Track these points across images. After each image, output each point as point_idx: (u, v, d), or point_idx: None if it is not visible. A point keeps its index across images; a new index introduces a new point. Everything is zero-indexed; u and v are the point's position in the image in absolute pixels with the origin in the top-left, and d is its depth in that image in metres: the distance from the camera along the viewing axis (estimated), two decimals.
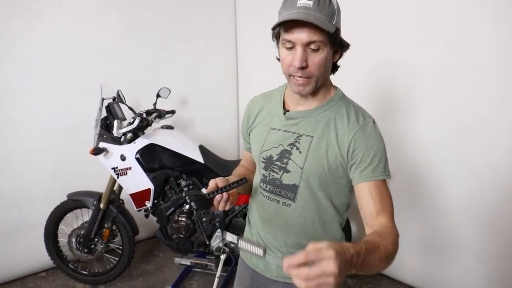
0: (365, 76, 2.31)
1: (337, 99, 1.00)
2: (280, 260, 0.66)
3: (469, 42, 1.84)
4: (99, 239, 2.35)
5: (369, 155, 0.92)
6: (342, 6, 0.95)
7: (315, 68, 0.90)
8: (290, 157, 0.99)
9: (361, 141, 0.92)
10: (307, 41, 0.87)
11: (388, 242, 0.81)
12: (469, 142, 1.92)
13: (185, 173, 2.24)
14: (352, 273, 0.68)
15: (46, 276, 2.56)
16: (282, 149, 1.01)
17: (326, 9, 0.86)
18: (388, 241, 0.81)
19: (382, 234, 0.83)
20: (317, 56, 0.89)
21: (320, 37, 0.86)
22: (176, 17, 2.89)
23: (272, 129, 1.05)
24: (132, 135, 2.16)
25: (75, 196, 2.34)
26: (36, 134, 2.40)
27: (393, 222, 0.91)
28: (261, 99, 1.15)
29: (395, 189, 2.30)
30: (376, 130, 0.96)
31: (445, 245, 2.13)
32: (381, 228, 0.86)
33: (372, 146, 0.92)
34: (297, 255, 0.61)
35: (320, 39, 0.87)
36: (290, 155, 0.99)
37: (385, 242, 0.79)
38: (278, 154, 1.01)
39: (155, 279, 2.52)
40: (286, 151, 0.99)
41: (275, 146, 1.02)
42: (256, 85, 3.17)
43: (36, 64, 2.33)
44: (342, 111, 0.98)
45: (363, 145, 0.92)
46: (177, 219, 2.25)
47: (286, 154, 0.99)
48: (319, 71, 0.91)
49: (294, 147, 0.98)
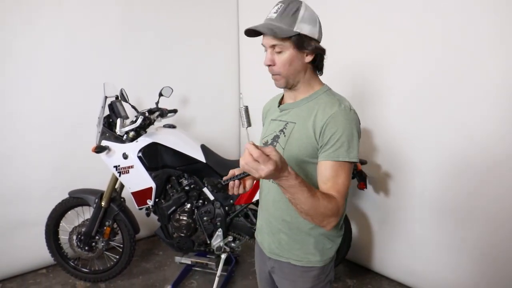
0: (366, 75, 2.32)
1: (321, 92, 1.15)
2: None
3: (469, 42, 1.86)
4: (100, 237, 2.36)
5: (334, 139, 1.04)
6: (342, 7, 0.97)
7: (280, 66, 1.09)
8: (278, 140, 1.16)
9: (331, 126, 1.05)
10: (271, 44, 1.08)
11: (324, 202, 0.98)
12: (470, 142, 1.93)
13: (187, 172, 2.25)
14: (280, 185, 0.94)
15: (47, 273, 2.57)
16: (274, 134, 1.18)
17: (287, 19, 1.04)
18: (325, 201, 0.98)
19: (326, 194, 1.01)
20: (280, 57, 1.08)
21: (280, 41, 1.06)
22: (177, 17, 2.91)
23: (272, 120, 1.24)
24: (134, 133, 2.17)
25: (76, 194, 2.36)
26: (37, 131, 2.42)
27: (341, 200, 1.03)
28: (270, 101, 1.35)
29: (395, 189, 2.31)
30: (347, 117, 1.06)
31: (444, 245, 2.13)
32: (328, 193, 1.02)
33: (338, 130, 1.04)
34: (255, 150, 0.83)
35: (280, 43, 1.06)
36: (278, 139, 1.16)
37: (322, 200, 0.97)
38: (272, 139, 1.19)
39: (155, 278, 2.53)
40: (276, 136, 1.17)
41: (271, 133, 1.20)
42: (257, 85, 3.19)
43: (36, 62, 2.34)
44: (324, 101, 1.11)
45: (332, 129, 1.04)
46: (178, 218, 2.26)
47: (276, 138, 1.17)
48: (284, 69, 1.09)
49: (282, 132, 1.16)
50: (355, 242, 2.56)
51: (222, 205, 2.26)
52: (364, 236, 2.55)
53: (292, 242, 1.18)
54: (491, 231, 1.93)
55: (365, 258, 2.58)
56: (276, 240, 1.21)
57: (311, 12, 1.07)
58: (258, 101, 3.17)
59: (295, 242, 1.18)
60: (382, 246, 2.46)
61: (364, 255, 2.58)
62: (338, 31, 2.40)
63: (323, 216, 0.99)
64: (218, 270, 2.27)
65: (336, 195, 1.02)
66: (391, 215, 2.37)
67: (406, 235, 2.32)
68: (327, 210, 0.98)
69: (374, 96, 2.31)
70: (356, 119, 1.08)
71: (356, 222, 2.58)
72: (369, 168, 2.38)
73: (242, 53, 3.32)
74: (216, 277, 2.26)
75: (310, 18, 1.06)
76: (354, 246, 2.56)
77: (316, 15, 1.09)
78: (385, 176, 2.35)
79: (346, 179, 1.05)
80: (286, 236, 1.19)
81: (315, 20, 1.08)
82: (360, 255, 2.61)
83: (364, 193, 2.46)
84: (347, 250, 2.41)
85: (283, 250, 1.20)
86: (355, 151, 1.05)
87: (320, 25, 1.11)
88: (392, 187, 2.34)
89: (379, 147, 2.36)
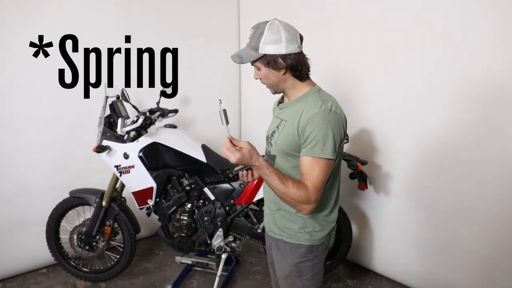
0: (365, 75, 2.33)
1: (309, 94, 1.28)
2: None
3: (469, 42, 1.86)
4: (100, 237, 2.36)
5: (311, 137, 1.19)
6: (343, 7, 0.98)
7: (263, 80, 1.31)
8: (274, 135, 1.35)
9: (309, 126, 1.19)
10: (251, 65, 1.30)
11: (293, 190, 1.18)
12: (470, 142, 1.94)
13: (188, 172, 2.25)
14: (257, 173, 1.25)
15: (47, 272, 2.57)
16: (273, 130, 1.37)
17: (253, 43, 1.23)
18: (294, 189, 1.18)
19: (298, 184, 1.20)
20: (260, 73, 1.29)
21: (254, 62, 1.27)
22: (178, 17, 2.90)
23: (274, 117, 1.42)
24: (135, 133, 2.17)
25: (77, 194, 2.36)
26: (38, 131, 2.42)
27: (313, 190, 1.19)
28: (276, 100, 1.49)
29: (395, 189, 2.32)
30: (325, 118, 1.19)
31: (444, 246, 2.14)
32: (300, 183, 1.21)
33: (315, 130, 1.18)
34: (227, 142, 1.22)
35: (255, 63, 1.28)
36: (274, 134, 1.35)
37: (291, 188, 1.18)
38: (271, 133, 1.38)
39: (155, 277, 2.53)
40: (274, 131, 1.36)
41: (271, 128, 1.39)
42: (258, 85, 3.18)
43: (37, 62, 2.34)
44: (310, 103, 1.25)
45: (310, 129, 1.19)
46: (179, 218, 2.26)
47: (273, 133, 1.36)
48: (266, 81, 1.30)
49: (277, 128, 1.34)
50: (355, 242, 2.56)
51: (223, 205, 2.26)
52: (364, 237, 2.55)
53: (284, 222, 1.36)
54: (491, 231, 1.94)
55: (366, 258, 2.58)
56: (272, 220, 1.41)
57: (273, 31, 1.20)
58: (258, 101, 3.21)
59: (286, 221, 1.36)
60: (383, 247, 2.47)
61: (364, 255, 2.58)
62: (338, 31, 2.41)
63: (295, 202, 1.20)
64: (218, 270, 2.27)
65: (309, 186, 1.18)
66: (391, 215, 2.38)
67: (406, 236, 2.32)
68: (296, 196, 1.18)
69: (374, 96, 2.32)
70: (334, 120, 1.20)
71: (356, 222, 2.58)
72: (369, 168, 2.38)
73: None
74: (217, 277, 2.26)
75: (272, 38, 1.20)
76: (355, 246, 2.56)
77: (280, 33, 1.19)
78: (386, 177, 2.35)
79: (321, 173, 1.19)
80: (279, 216, 1.37)
81: (279, 38, 1.20)
82: (360, 256, 2.61)
83: (364, 194, 2.46)
84: (347, 250, 2.41)
85: (277, 228, 1.39)
86: (329, 149, 1.18)
87: (289, 38, 1.21)
88: (393, 188, 2.34)
89: (379, 148, 2.36)
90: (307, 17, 2.59)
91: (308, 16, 2.58)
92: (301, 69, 1.26)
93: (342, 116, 1.25)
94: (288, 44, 1.21)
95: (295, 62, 1.23)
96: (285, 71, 1.25)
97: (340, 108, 1.27)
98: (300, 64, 1.24)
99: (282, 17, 1.27)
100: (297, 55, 1.23)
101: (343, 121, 1.25)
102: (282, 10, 2.80)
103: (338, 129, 1.21)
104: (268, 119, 1.52)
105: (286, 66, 1.23)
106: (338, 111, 1.24)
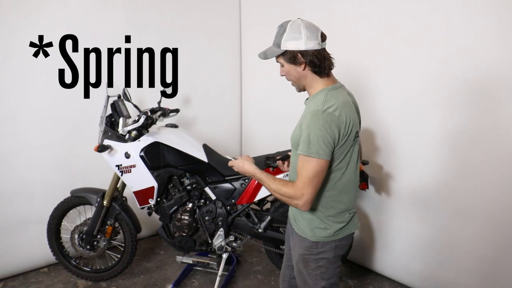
0: (367, 75, 2.32)
1: (320, 93, 1.35)
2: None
3: (470, 42, 1.86)
4: (101, 236, 2.36)
5: (303, 136, 1.29)
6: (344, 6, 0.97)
7: (287, 76, 1.41)
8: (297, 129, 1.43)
9: (304, 123, 1.30)
10: (276, 61, 1.40)
11: (281, 187, 1.34)
12: (471, 142, 1.93)
13: (189, 172, 2.25)
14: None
15: (48, 271, 2.57)
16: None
17: (276, 40, 1.35)
18: (282, 187, 1.34)
19: (285, 182, 1.36)
20: (284, 70, 1.40)
21: (277, 59, 1.38)
22: (180, 16, 2.90)
23: None
24: (136, 133, 2.17)
25: (78, 193, 2.36)
26: (39, 130, 2.42)
27: (301, 185, 1.28)
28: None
29: (396, 189, 2.31)
30: (315, 118, 1.26)
31: (445, 246, 2.13)
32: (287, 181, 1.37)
33: (305, 129, 1.28)
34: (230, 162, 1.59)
35: (278, 60, 1.39)
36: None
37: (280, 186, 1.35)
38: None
39: (156, 277, 2.53)
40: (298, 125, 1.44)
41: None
42: (259, 84, 3.19)
43: (37, 60, 2.33)
44: (315, 100, 1.33)
45: (303, 127, 1.30)
46: (180, 218, 2.26)
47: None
48: (289, 77, 1.40)
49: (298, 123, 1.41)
50: (356, 242, 2.56)
51: (224, 204, 2.26)
52: (365, 237, 2.55)
53: (296, 215, 1.50)
54: (492, 231, 1.93)
55: (367, 258, 2.58)
56: (292, 210, 1.56)
57: (294, 29, 1.30)
58: (259, 100, 3.20)
59: (298, 215, 1.49)
60: (384, 247, 2.46)
61: (365, 255, 2.58)
62: (338, 31, 2.40)
63: (285, 197, 1.33)
64: (219, 269, 2.28)
65: (297, 182, 1.29)
66: (392, 215, 2.37)
67: (407, 236, 2.32)
68: (283, 192, 1.33)
69: (376, 96, 2.31)
70: (324, 120, 1.25)
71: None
72: (370, 168, 2.38)
73: (244, 52, 3.32)
74: (218, 277, 2.26)
75: (293, 35, 1.30)
76: (356, 246, 2.56)
77: (300, 30, 1.29)
78: (387, 177, 2.35)
79: (308, 170, 1.27)
80: (294, 211, 1.51)
81: (299, 35, 1.29)
82: (361, 256, 2.61)
83: (365, 194, 2.46)
84: (348, 250, 2.41)
85: (293, 219, 1.53)
86: (314, 148, 1.25)
87: (308, 35, 1.29)
88: (394, 188, 2.34)
89: (381, 148, 2.36)
90: (308, 16, 2.57)
91: (309, 15, 2.55)
92: (321, 65, 1.32)
93: (341, 118, 1.26)
94: (308, 41, 1.29)
95: (314, 58, 1.30)
96: (305, 67, 1.33)
97: (343, 110, 1.28)
98: (319, 60, 1.31)
99: (283, 16, 1.30)
100: (316, 51, 1.30)
101: (339, 122, 1.26)
102: (283, 9, 2.80)
103: (328, 130, 1.24)
104: (269, 118, 1.53)
105: (306, 62, 1.31)
106: (337, 113, 1.26)
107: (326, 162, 1.27)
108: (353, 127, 1.31)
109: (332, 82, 1.38)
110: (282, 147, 2.29)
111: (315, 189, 1.29)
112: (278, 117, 2.97)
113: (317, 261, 1.43)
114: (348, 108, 1.31)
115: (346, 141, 1.30)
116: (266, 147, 2.65)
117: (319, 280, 1.46)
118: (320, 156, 1.25)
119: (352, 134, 1.31)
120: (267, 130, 3.15)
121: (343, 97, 1.34)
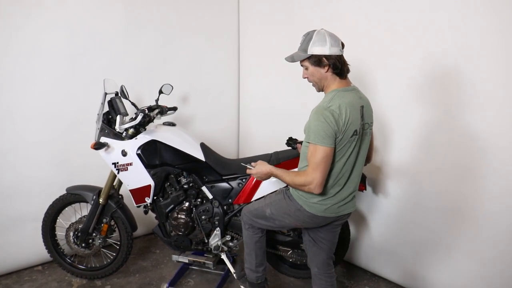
0: (365, 75, 2.32)
1: (329, 93, 1.58)
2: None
3: (470, 42, 1.86)
4: (97, 234, 2.35)
5: (309, 127, 1.53)
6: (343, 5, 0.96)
7: (309, 77, 1.64)
8: None
9: (310, 117, 1.54)
10: (301, 64, 1.64)
11: (293, 177, 1.57)
12: (471, 142, 1.93)
13: (186, 171, 2.24)
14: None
15: (42, 269, 2.55)
16: None
17: (303, 46, 1.59)
18: (294, 177, 1.56)
19: (297, 173, 1.59)
20: (307, 72, 1.63)
21: (302, 62, 1.62)
22: (178, 14, 2.89)
23: None
24: (134, 130, 2.16)
25: (74, 190, 2.34)
26: (35, 127, 2.40)
27: (311, 171, 1.50)
28: None
29: (394, 190, 2.32)
30: (319, 112, 1.49)
31: (441, 247, 2.14)
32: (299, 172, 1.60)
33: (308, 122, 1.54)
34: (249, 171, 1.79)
35: (303, 63, 1.62)
36: None
37: (293, 177, 1.57)
38: None
39: (152, 276, 2.52)
40: None
41: None
42: (257, 83, 3.19)
43: (36, 55, 2.32)
44: (324, 99, 1.57)
45: (310, 119, 1.54)
46: (176, 216, 2.25)
47: None
48: (312, 78, 1.63)
49: None
50: (353, 243, 2.56)
51: (221, 204, 2.25)
52: (362, 237, 2.55)
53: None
54: (489, 232, 1.93)
55: (363, 259, 2.58)
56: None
57: (320, 37, 1.53)
58: (257, 99, 3.19)
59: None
60: (380, 247, 2.46)
61: (362, 256, 2.58)
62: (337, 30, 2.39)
63: (300, 186, 1.54)
64: (228, 265, 2.25)
65: (308, 169, 1.51)
66: (389, 216, 2.37)
67: (404, 236, 2.32)
68: (299, 182, 1.54)
69: (372, 97, 2.30)
70: (322, 114, 1.48)
71: (354, 223, 2.58)
72: (368, 169, 2.38)
73: (242, 51, 3.31)
74: (213, 276, 2.24)
75: (319, 41, 1.53)
76: (352, 247, 2.56)
77: (325, 38, 1.53)
78: (384, 178, 2.35)
79: (315, 157, 1.48)
80: None
81: (325, 42, 1.53)
82: (358, 256, 2.61)
83: (363, 194, 2.46)
84: (344, 251, 2.40)
85: None
86: (313, 136, 1.48)
87: (332, 42, 1.53)
88: (391, 189, 2.34)
89: (378, 148, 2.36)
90: (307, 15, 2.58)
91: (307, 13, 2.58)
92: (341, 67, 1.56)
93: (341, 114, 1.48)
94: (332, 47, 1.53)
95: (337, 62, 1.54)
96: (328, 69, 1.56)
97: (344, 108, 1.49)
98: (340, 64, 1.55)
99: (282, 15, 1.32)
100: (338, 56, 1.55)
101: (338, 117, 1.47)
102: (282, 7, 2.79)
103: (329, 122, 1.46)
104: (266, 118, 1.54)
105: (329, 65, 1.55)
106: (337, 109, 1.48)
107: (330, 149, 1.49)
108: (351, 124, 1.50)
109: (346, 84, 1.59)
110: (279, 147, 2.28)
111: (323, 173, 1.49)
112: (275, 116, 2.97)
113: (286, 200, 1.72)
114: (351, 108, 1.50)
115: (343, 136, 1.50)
116: (263, 146, 2.65)
117: (268, 206, 1.78)
118: (324, 144, 1.47)
119: (349, 131, 1.51)
120: (265, 129, 3.14)
121: (350, 98, 1.54)
